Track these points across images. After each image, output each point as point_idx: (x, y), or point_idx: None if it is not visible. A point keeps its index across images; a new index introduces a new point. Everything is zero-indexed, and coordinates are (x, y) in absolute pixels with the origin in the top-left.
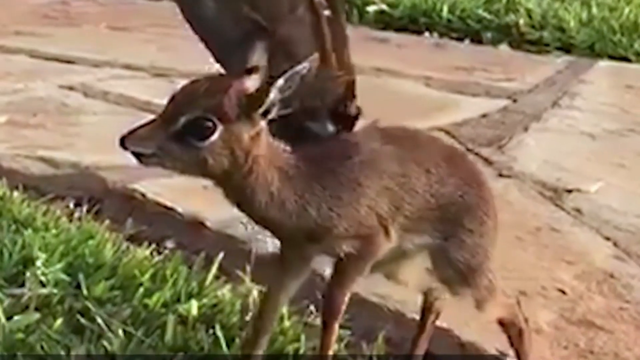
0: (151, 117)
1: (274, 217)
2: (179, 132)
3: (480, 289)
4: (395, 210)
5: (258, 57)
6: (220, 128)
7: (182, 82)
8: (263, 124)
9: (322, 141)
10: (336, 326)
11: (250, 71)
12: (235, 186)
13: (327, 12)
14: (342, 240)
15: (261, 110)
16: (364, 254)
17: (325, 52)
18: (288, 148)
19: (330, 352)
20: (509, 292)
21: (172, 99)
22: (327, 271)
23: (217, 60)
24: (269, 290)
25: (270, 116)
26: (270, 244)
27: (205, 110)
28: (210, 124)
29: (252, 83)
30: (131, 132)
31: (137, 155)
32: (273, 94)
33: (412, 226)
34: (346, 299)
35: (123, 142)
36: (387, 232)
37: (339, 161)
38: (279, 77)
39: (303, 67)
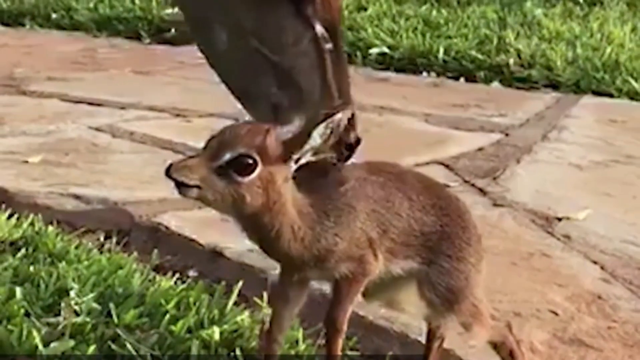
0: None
1: (295, 252)
2: (222, 166)
3: (464, 312)
4: (382, 233)
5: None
6: (260, 166)
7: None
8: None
9: (317, 175)
10: (340, 342)
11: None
12: (262, 226)
13: (329, 46)
14: (340, 263)
15: (298, 155)
16: (357, 275)
17: (327, 83)
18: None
19: None
20: (504, 314)
21: (214, 138)
22: None
23: (237, 97)
24: (274, 313)
25: (302, 162)
26: None
27: (249, 148)
28: (251, 161)
29: (286, 131)
30: (177, 163)
31: (179, 186)
32: (312, 141)
33: (397, 250)
34: (347, 316)
35: (168, 171)
36: (375, 254)
37: (334, 189)
38: (317, 124)
39: (340, 116)
